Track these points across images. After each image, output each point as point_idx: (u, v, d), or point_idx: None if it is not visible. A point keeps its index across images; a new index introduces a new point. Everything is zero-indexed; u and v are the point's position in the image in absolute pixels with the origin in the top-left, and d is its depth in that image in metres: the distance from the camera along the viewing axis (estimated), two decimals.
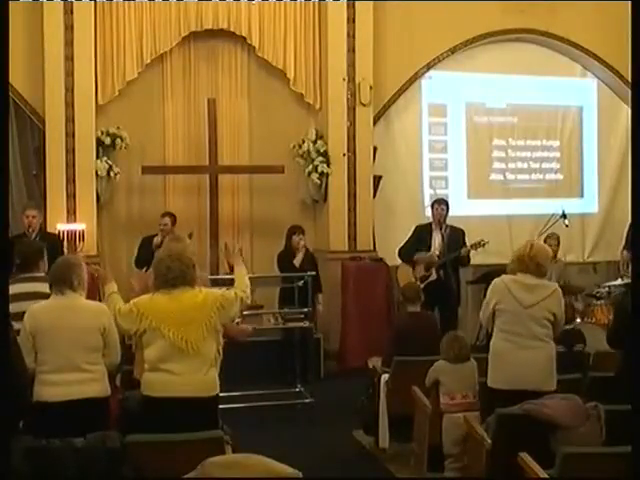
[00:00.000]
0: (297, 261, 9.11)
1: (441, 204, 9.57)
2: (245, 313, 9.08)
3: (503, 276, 5.63)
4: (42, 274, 5.46)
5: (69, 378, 4.64)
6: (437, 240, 9.39)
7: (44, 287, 5.16)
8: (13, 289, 4.80)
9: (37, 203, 9.35)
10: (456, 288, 9.39)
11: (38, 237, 8.49)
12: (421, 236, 9.47)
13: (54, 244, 8.46)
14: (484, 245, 9.23)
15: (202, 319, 4.69)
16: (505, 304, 5.47)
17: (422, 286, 8.56)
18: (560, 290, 5.62)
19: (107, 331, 4.79)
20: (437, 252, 9.33)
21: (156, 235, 8.99)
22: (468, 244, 9.31)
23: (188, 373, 4.63)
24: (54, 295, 4.83)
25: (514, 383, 5.28)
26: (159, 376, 4.65)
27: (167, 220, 9.15)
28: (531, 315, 5.39)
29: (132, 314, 4.72)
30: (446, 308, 9.19)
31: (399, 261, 9.61)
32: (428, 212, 10.25)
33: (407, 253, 9.47)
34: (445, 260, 9.22)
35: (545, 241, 9.81)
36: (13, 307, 4.38)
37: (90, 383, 4.68)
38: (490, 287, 5.66)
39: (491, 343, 5.53)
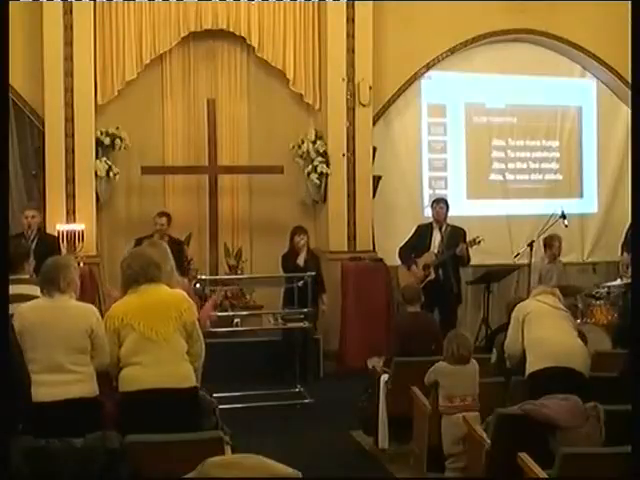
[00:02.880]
0: (300, 260, 9.14)
1: (440, 203, 9.59)
2: (245, 313, 9.15)
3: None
4: (27, 276, 5.45)
5: (55, 379, 4.61)
6: (437, 239, 9.41)
7: (29, 289, 5.14)
8: None
9: (37, 203, 9.37)
10: (456, 288, 9.40)
11: (37, 238, 8.49)
12: (422, 235, 9.48)
13: (52, 245, 8.49)
14: (479, 242, 9.25)
15: (171, 313, 4.73)
16: (534, 308, 5.86)
17: (421, 286, 8.58)
18: None
19: (95, 332, 4.75)
20: (436, 251, 9.34)
21: (150, 236, 8.99)
22: (462, 243, 9.32)
23: (158, 364, 4.65)
24: (42, 296, 4.83)
25: (561, 360, 5.51)
26: (130, 370, 4.68)
27: (164, 220, 9.15)
28: (561, 314, 5.84)
29: (109, 328, 4.74)
30: (445, 308, 9.20)
31: (399, 261, 9.62)
32: (427, 212, 10.27)
33: (405, 253, 9.48)
34: (443, 259, 9.22)
35: (545, 243, 9.78)
36: None
37: (76, 384, 4.66)
38: (514, 311, 5.97)
39: (526, 339, 5.74)
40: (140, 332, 4.65)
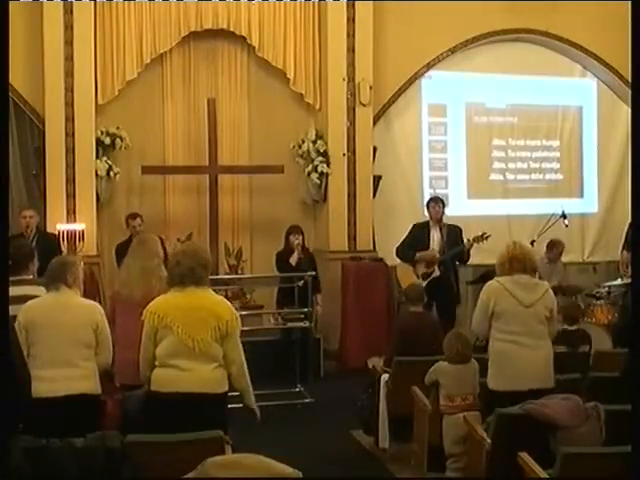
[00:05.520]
0: (293, 260, 9.10)
1: (437, 202, 9.55)
2: (245, 313, 9.13)
3: (497, 278, 5.59)
4: (31, 277, 5.44)
5: (58, 373, 4.65)
6: (436, 237, 9.37)
7: (33, 290, 5.14)
8: None
9: (37, 203, 9.36)
10: (456, 287, 9.38)
11: (36, 237, 8.48)
12: (418, 234, 9.44)
13: (52, 244, 8.47)
14: (487, 238, 9.18)
15: (211, 322, 4.69)
16: (504, 304, 5.43)
17: (424, 283, 8.57)
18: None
19: (99, 329, 4.81)
20: (437, 249, 9.32)
21: (129, 238, 8.96)
22: (469, 239, 9.30)
23: (195, 369, 4.65)
24: (49, 292, 4.87)
25: (516, 384, 5.28)
26: (167, 372, 4.68)
27: (139, 221, 9.17)
28: (532, 313, 5.41)
29: (148, 323, 4.74)
30: (444, 305, 9.17)
31: (398, 261, 9.61)
32: None
33: (404, 251, 9.46)
34: (447, 256, 9.21)
35: (547, 245, 9.75)
36: None
37: (79, 379, 4.70)
38: (484, 290, 5.59)
39: (490, 345, 5.50)
40: (178, 336, 4.64)
